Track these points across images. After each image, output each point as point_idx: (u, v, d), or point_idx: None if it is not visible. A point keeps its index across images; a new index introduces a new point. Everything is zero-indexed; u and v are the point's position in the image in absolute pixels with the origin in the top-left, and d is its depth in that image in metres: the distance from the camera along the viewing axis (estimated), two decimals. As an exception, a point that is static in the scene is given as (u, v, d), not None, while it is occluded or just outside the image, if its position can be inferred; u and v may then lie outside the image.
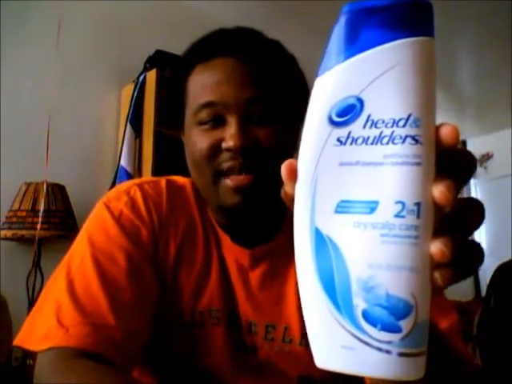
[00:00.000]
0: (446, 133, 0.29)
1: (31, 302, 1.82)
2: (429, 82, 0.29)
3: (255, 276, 0.72)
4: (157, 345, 0.69)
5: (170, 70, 2.18)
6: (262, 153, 0.65)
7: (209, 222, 0.74)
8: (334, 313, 0.29)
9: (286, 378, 0.70)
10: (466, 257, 0.30)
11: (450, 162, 0.30)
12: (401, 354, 0.28)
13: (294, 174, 0.32)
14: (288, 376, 0.70)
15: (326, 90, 0.31)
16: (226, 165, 0.65)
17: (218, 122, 0.66)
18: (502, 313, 1.51)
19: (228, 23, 0.78)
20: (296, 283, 0.74)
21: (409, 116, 0.28)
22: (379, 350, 0.28)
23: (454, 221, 0.30)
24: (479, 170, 4.78)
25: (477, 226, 0.31)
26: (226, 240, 0.73)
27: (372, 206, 0.29)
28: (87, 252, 0.65)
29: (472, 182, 4.81)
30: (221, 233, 0.74)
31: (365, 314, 0.29)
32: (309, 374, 0.70)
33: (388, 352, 0.28)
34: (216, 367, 0.70)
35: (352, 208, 0.29)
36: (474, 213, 0.31)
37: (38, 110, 2.07)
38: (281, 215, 0.74)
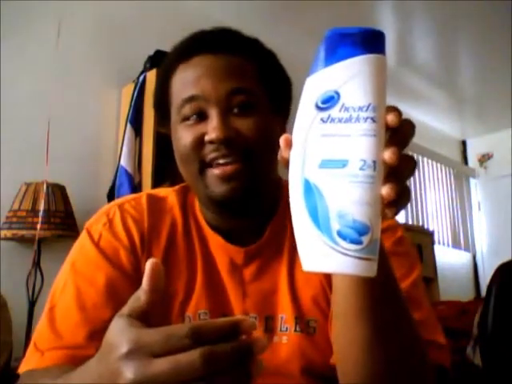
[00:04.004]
0: (391, 117, 0.41)
1: (31, 302, 1.82)
2: (382, 83, 0.42)
3: (249, 272, 0.74)
4: None
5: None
6: (244, 142, 0.68)
7: (196, 225, 0.76)
8: (317, 233, 0.42)
9: (287, 373, 0.71)
10: (403, 197, 0.42)
11: (395, 135, 0.42)
12: (361, 258, 0.41)
13: (289, 143, 0.44)
14: (290, 370, 0.71)
15: (314, 86, 0.44)
16: (210, 156, 0.68)
17: (200, 116, 0.69)
18: (502, 313, 1.51)
19: (228, 23, 0.79)
20: (287, 274, 0.75)
21: (369, 104, 0.41)
22: (348, 255, 0.41)
23: (396, 172, 0.42)
24: (479, 169, 4.78)
25: (411, 174, 0.44)
26: (217, 240, 0.75)
27: (344, 163, 0.42)
28: (69, 278, 0.69)
29: (472, 181, 4.81)
30: (209, 234, 0.75)
31: (338, 233, 0.42)
32: (311, 364, 0.71)
33: (353, 257, 0.41)
34: None
35: (330, 164, 0.42)
36: (408, 166, 0.43)
37: (38, 109, 2.07)
38: (268, 208, 0.77)
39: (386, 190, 0.41)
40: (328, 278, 0.73)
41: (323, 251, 0.42)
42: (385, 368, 0.55)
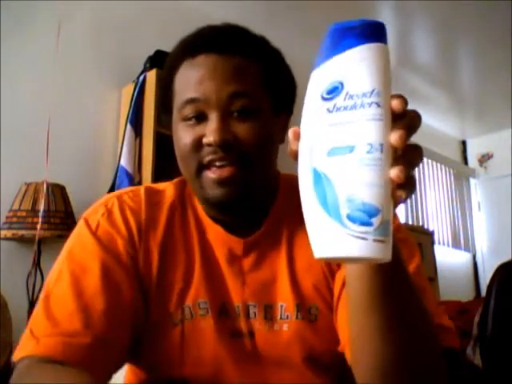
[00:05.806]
0: (395, 102, 0.43)
1: (31, 302, 1.82)
2: (384, 69, 0.44)
3: (249, 262, 0.75)
4: (148, 346, 0.72)
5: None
6: (242, 147, 0.68)
7: (194, 216, 0.77)
8: (328, 220, 0.43)
9: (288, 361, 0.71)
10: (411, 182, 0.43)
11: (401, 120, 0.43)
12: (374, 240, 0.41)
13: (298, 136, 0.46)
14: (291, 358, 0.71)
15: (319, 78, 0.45)
16: (207, 158, 0.69)
17: (200, 118, 0.70)
18: (502, 313, 1.51)
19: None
20: (287, 263, 0.75)
21: (373, 90, 0.43)
22: (358, 237, 0.41)
23: (404, 158, 0.43)
24: (479, 169, 4.78)
25: (419, 162, 0.44)
26: (216, 231, 0.75)
27: (351, 149, 0.42)
28: (65, 266, 0.69)
29: (472, 181, 4.81)
30: (208, 225, 0.76)
31: (348, 216, 0.42)
32: (312, 352, 0.71)
33: (364, 239, 0.41)
34: (210, 358, 0.71)
35: (338, 151, 0.43)
36: (415, 154, 0.44)
37: (38, 109, 2.07)
38: (265, 202, 0.77)
39: (395, 172, 0.41)
40: (329, 265, 0.73)
41: (334, 237, 0.42)
42: (399, 353, 0.55)
